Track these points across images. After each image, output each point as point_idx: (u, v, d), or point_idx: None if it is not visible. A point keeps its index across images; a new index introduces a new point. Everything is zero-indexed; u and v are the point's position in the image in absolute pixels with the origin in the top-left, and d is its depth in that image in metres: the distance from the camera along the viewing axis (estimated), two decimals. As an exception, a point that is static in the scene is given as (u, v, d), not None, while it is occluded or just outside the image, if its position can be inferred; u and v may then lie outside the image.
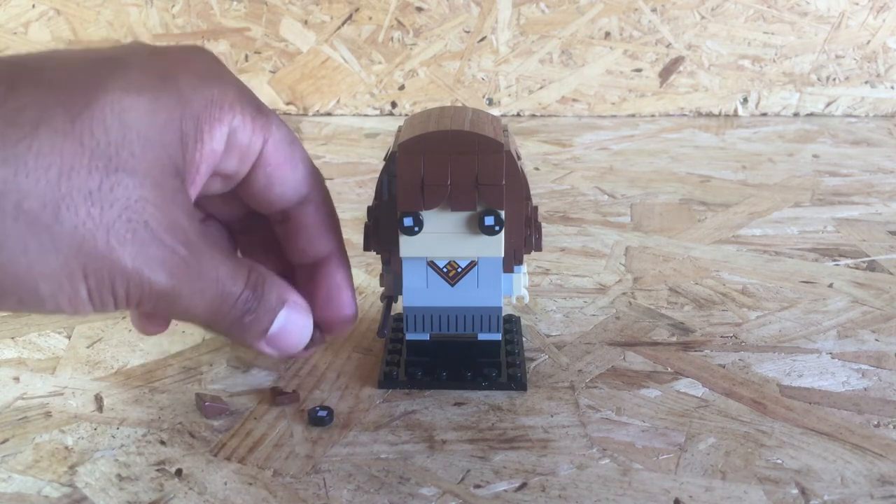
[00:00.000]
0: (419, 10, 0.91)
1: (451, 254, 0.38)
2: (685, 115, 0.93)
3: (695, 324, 0.46)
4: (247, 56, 0.93)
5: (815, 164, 0.76)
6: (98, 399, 0.39)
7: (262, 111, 0.34)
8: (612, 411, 0.38)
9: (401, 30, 0.91)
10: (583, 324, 0.46)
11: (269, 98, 0.94)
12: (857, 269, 0.53)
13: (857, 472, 0.34)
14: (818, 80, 0.92)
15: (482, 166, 0.36)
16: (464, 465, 0.34)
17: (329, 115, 0.94)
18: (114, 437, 0.36)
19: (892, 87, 0.92)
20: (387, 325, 0.39)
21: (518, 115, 0.94)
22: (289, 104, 0.94)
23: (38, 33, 0.93)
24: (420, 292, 0.39)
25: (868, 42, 0.91)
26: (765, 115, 0.93)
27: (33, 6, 0.92)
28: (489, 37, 0.91)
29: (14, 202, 0.27)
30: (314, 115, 0.94)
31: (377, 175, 0.38)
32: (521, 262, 0.39)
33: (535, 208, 0.39)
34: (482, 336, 0.40)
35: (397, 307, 0.41)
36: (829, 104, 0.93)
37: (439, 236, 0.37)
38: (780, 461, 0.34)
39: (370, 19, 0.91)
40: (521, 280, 0.40)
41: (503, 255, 0.38)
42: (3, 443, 0.36)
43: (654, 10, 0.90)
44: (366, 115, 0.94)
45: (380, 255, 0.39)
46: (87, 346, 0.43)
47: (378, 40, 0.92)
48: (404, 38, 0.92)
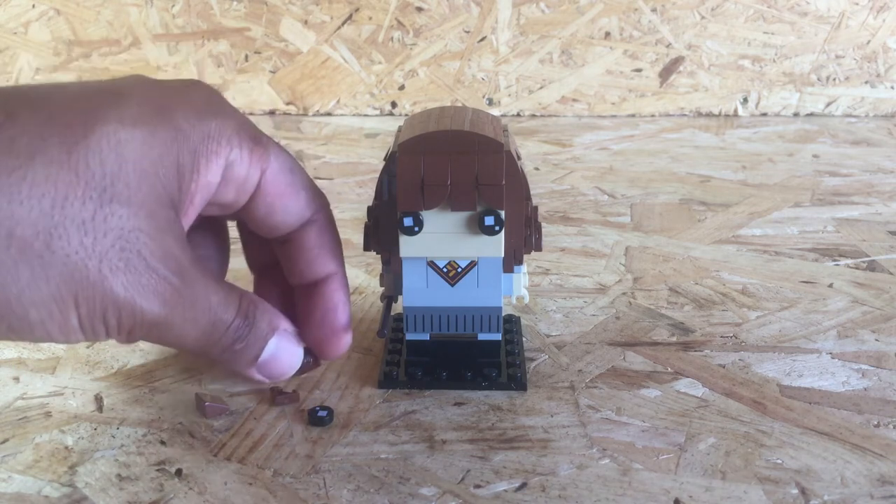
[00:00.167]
0: (419, 10, 0.91)
1: (451, 254, 0.38)
2: (685, 115, 0.93)
3: (695, 324, 0.46)
4: (247, 56, 0.93)
5: (815, 164, 0.76)
6: (98, 399, 0.39)
7: (260, 143, 0.35)
8: (612, 411, 0.38)
9: (401, 30, 0.91)
10: (583, 324, 0.46)
11: (269, 98, 0.94)
12: (857, 269, 0.53)
13: (857, 472, 0.34)
14: (818, 80, 0.92)
15: (482, 166, 0.36)
16: (464, 465, 0.34)
17: (329, 115, 0.94)
18: (114, 437, 0.36)
19: (892, 87, 0.92)
20: (387, 325, 0.39)
21: (518, 115, 0.94)
22: (289, 104, 0.94)
23: (38, 33, 0.93)
24: (420, 292, 0.39)
25: (868, 42, 0.91)
26: (765, 115, 0.93)
27: (33, 6, 0.92)
28: (489, 37, 0.91)
29: (6, 229, 0.28)
30: (314, 115, 0.94)
31: (377, 175, 0.38)
32: (521, 262, 0.39)
33: (535, 208, 0.39)
34: (482, 336, 0.40)
35: (397, 307, 0.41)
36: (829, 104, 0.93)
37: (439, 236, 0.37)
38: (780, 461, 0.34)
39: (370, 19, 0.91)
40: (521, 280, 0.40)
41: (503, 255, 0.38)
42: (3, 443, 0.36)
43: (654, 10, 0.90)
44: (366, 115, 0.94)
45: (380, 255, 0.39)
46: (87, 347, 0.43)
47: (378, 40, 0.92)
48: (404, 38, 0.92)
